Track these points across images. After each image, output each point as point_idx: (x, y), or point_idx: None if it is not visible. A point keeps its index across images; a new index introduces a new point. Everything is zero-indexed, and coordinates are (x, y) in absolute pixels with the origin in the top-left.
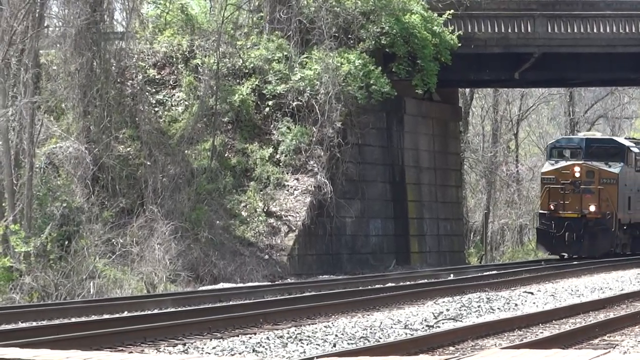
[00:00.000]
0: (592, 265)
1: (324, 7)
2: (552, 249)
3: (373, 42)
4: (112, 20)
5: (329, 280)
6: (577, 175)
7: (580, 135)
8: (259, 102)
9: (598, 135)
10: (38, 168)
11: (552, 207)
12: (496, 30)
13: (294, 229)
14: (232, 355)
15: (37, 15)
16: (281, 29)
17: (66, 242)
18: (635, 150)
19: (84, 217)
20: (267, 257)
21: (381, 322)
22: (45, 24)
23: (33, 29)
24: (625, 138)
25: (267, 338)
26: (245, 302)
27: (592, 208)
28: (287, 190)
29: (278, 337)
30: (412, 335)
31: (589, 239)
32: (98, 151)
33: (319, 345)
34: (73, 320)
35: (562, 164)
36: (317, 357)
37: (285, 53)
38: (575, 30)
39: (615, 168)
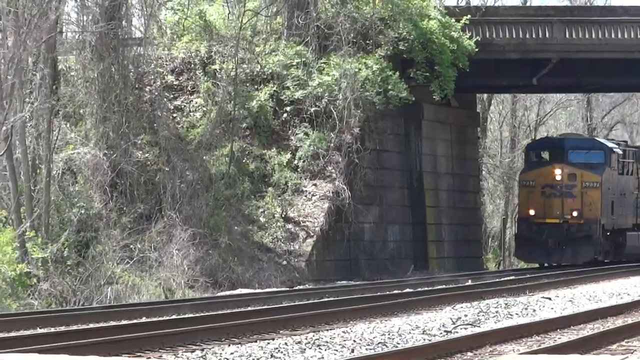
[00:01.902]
0: (610, 271)
1: (342, 13)
2: (531, 257)
3: (391, 47)
4: (130, 26)
5: (347, 285)
6: (558, 178)
7: (561, 136)
8: (277, 108)
9: (579, 135)
10: (56, 174)
11: (531, 212)
12: (514, 36)
13: (312, 234)
14: None
15: (53, 21)
16: (299, 35)
17: (84, 248)
18: (618, 151)
19: (102, 223)
20: (285, 262)
21: (399, 328)
22: (63, 30)
23: (49, 34)
24: (607, 139)
25: (286, 344)
26: (264, 307)
27: (575, 213)
28: (305, 196)
29: (296, 343)
30: (430, 340)
31: (571, 246)
32: (116, 157)
33: (337, 350)
34: (91, 326)
35: (542, 166)
36: None
37: (303, 59)
38: (593, 36)
39: (598, 171)
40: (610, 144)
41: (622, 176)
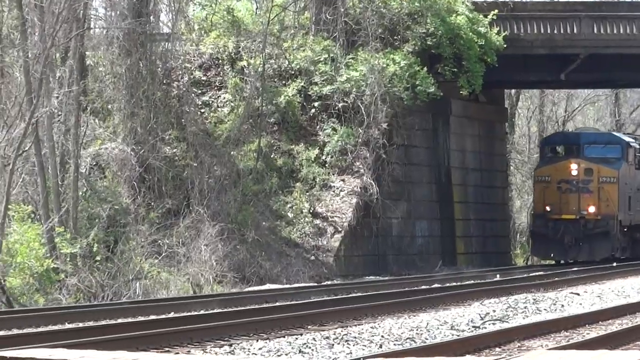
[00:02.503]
0: (638, 267)
1: (369, 8)
2: (547, 254)
3: (419, 43)
4: (158, 21)
5: (375, 281)
6: (574, 173)
7: (577, 130)
8: (304, 104)
9: (595, 130)
10: (84, 170)
11: (547, 208)
12: (542, 31)
13: (340, 230)
14: (279, 356)
15: (80, 16)
16: (327, 30)
17: (112, 243)
18: (636, 145)
19: (130, 219)
20: (313, 258)
21: (427, 323)
22: (91, 26)
23: (77, 30)
24: (624, 133)
25: (314, 339)
26: (292, 303)
27: (591, 209)
28: (333, 191)
29: (324, 338)
30: (458, 336)
31: (588, 242)
32: (144, 152)
33: (365, 346)
34: (119, 321)
35: (558, 161)
36: (364, 358)
37: (331, 54)
38: (622, 31)
39: (615, 165)
40: (627, 138)
41: (639, 171)
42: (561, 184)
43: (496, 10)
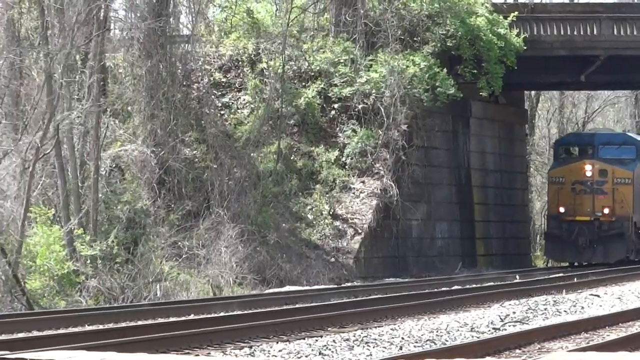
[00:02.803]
0: None
1: (389, 10)
2: (561, 256)
3: (438, 44)
4: (178, 23)
5: (395, 282)
6: (589, 174)
7: (591, 131)
8: (324, 105)
9: (609, 130)
10: (103, 171)
11: (561, 209)
12: (562, 32)
13: (360, 231)
14: (299, 358)
15: (101, 18)
16: (347, 32)
17: (132, 245)
18: None
19: (150, 220)
20: (333, 259)
21: (447, 325)
22: (110, 28)
23: (97, 31)
24: (639, 134)
25: (334, 341)
26: (312, 304)
27: (606, 210)
28: (353, 193)
29: (344, 340)
30: (478, 337)
31: (603, 244)
32: (164, 154)
33: (385, 348)
34: (139, 323)
35: (572, 162)
36: None
37: (350, 56)
38: None
39: (630, 166)
40: None
41: None
42: (575, 185)
43: (516, 12)
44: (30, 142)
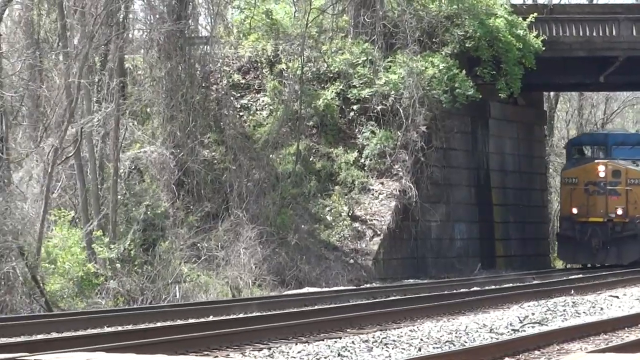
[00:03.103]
0: None
1: (407, 11)
2: (574, 258)
3: (457, 45)
4: (197, 25)
5: (414, 284)
6: (602, 175)
7: (604, 131)
8: (343, 107)
9: (623, 130)
10: (122, 173)
11: (574, 211)
12: (581, 34)
13: (379, 233)
14: (318, 359)
15: (120, 20)
16: (365, 33)
17: (151, 247)
18: None
19: (169, 222)
20: (352, 261)
21: (466, 326)
22: (130, 29)
23: (117, 33)
24: None
25: (352, 342)
26: (331, 306)
27: (619, 212)
28: (372, 195)
29: (363, 342)
30: (497, 339)
31: (616, 246)
32: (183, 156)
33: (404, 349)
34: (159, 324)
35: (585, 162)
36: None
37: (369, 57)
38: None
39: None
40: None
41: None
42: (588, 186)
43: (535, 13)
44: (51, 145)
